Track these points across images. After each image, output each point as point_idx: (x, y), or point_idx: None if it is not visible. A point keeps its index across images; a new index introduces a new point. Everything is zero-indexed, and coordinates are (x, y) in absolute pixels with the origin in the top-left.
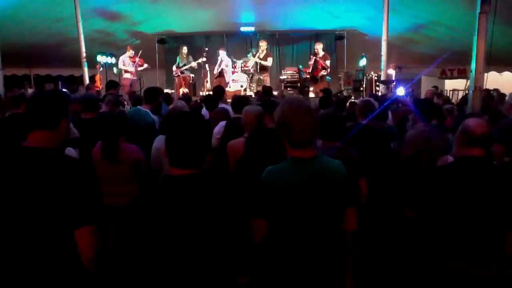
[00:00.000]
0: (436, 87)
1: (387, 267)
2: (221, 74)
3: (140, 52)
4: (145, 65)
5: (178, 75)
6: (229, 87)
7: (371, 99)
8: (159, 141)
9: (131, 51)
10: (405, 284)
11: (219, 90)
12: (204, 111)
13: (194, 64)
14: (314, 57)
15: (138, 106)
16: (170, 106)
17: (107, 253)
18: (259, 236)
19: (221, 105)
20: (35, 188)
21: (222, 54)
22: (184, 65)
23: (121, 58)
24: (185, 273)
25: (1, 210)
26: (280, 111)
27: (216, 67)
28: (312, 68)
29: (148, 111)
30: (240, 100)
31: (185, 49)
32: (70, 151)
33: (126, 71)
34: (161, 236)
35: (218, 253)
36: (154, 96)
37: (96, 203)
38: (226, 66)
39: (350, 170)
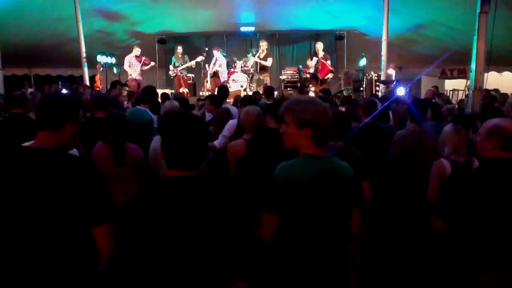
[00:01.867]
0: (436, 87)
1: (389, 269)
2: (215, 74)
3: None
4: (152, 63)
5: (176, 75)
6: (229, 87)
7: (374, 98)
8: (156, 141)
9: (137, 48)
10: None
11: (224, 90)
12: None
13: (192, 63)
14: (317, 58)
15: (137, 106)
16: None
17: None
18: (267, 233)
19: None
20: (48, 190)
21: (217, 53)
22: (181, 64)
23: (126, 58)
24: (181, 276)
25: (15, 212)
26: (313, 110)
27: (210, 66)
28: (315, 69)
29: (147, 110)
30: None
31: (179, 49)
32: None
33: (133, 71)
34: (156, 237)
35: (215, 256)
36: (151, 95)
37: (109, 200)
38: (220, 66)
39: (355, 171)
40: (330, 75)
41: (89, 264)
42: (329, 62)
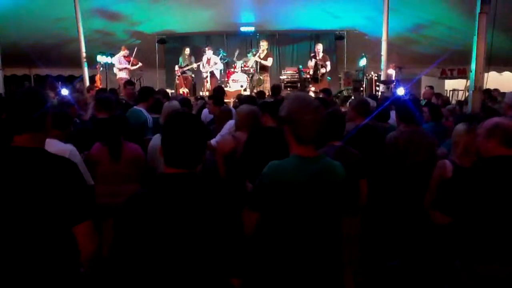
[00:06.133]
0: (431, 86)
1: (386, 266)
2: (212, 74)
3: (135, 50)
4: (139, 64)
5: (179, 75)
6: (229, 87)
7: (367, 98)
8: (156, 139)
9: (126, 50)
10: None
11: (221, 90)
12: (205, 113)
13: (195, 65)
14: (314, 60)
15: (134, 106)
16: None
17: (100, 248)
18: (247, 230)
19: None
20: (30, 189)
21: (209, 53)
22: (186, 65)
23: (115, 57)
24: (177, 272)
25: None
26: (289, 106)
27: (205, 66)
28: (314, 70)
29: (142, 110)
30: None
31: (187, 50)
32: (70, 148)
33: (121, 70)
34: (153, 234)
35: (211, 253)
36: (146, 94)
37: (89, 198)
38: (215, 63)
39: (351, 170)
40: (322, 70)
41: (71, 265)
42: (328, 62)
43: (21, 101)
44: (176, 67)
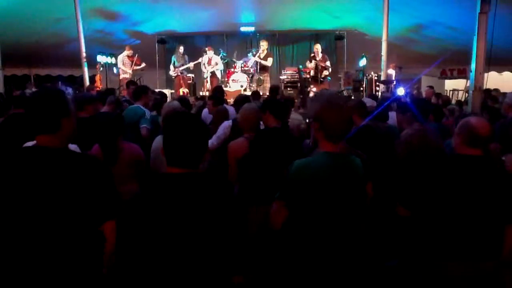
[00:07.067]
0: (431, 86)
1: (385, 266)
2: (213, 74)
3: (137, 53)
4: (143, 64)
5: (177, 75)
6: (229, 87)
7: (367, 99)
8: (158, 141)
9: (130, 50)
10: (397, 280)
11: (221, 90)
12: (205, 113)
13: (191, 65)
14: (314, 61)
15: (132, 104)
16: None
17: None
18: (278, 221)
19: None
20: (57, 188)
21: (210, 53)
22: (182, 65)
23: (119, 57)
24: (180, 270)
25: (23, 211)
26: (320, 106)
27: (206, 66)
28: (315, 72)
29: (139, 106)
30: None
31: (181, 49)
32: (73, 147)
33: (124, 71)
34: (156, 234)
35: (213, 251)
36: (140, 92)
37: (116, 197)
38: (216, 63)
39: None
40: (325, 72)
41: (96, 264)
42: (328, 63)
43: (36, 102)
44: (171, 67)
